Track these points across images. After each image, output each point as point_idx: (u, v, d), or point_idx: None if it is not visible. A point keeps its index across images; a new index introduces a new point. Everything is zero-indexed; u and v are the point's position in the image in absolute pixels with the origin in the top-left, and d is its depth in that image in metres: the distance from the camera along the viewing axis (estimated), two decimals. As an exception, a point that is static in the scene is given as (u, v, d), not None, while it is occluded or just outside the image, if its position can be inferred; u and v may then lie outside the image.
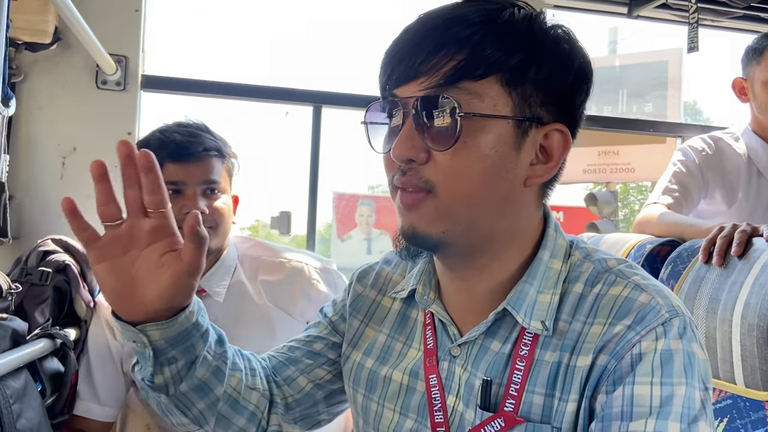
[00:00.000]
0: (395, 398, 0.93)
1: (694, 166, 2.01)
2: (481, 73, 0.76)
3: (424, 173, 0.78)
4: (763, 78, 1.93)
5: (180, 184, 1.53)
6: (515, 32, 0.78)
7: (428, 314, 0.93)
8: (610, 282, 0.81)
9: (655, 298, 0.77)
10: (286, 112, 2.44)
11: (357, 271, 1.09)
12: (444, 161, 0.78)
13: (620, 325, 0.76)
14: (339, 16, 8.86)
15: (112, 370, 1.61)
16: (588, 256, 0.86)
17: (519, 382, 0.80)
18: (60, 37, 1.97)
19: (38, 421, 1.27)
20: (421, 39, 0.78)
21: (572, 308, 0.82)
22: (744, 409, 1.28)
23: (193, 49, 8.10)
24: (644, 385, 0.72)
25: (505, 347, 0.84)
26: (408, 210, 0.80)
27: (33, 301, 1.51)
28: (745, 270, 1.33)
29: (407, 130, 0.78)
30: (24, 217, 1.97)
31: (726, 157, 2.03)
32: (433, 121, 0.77)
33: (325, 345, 1.05)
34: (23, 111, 1.99)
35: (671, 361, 0.73)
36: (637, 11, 2.46)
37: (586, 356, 0.77)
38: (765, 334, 1.23)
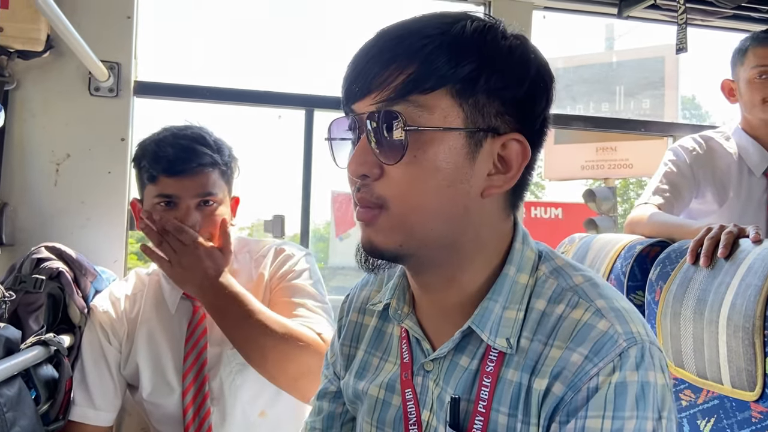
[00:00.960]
0: (371, 412, 0.94)
1: (684, 166, 2.02)
2: (431, 86, 0.76)
3: (377, 189, 0.79)
4: (747, 77, 1.96)
5: (174, 197, 1.54)
6: (465, 43, 0.77)
7: (403, 329, 0.93)
8: (573, 303, 0.80)
9: (614, 326, 0.76)
10: (279, 115, 2.44)
11: (342, 303, 1.10)
12: (396, 176, 0.78)
13: (577, 354, 0.76)
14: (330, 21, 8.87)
15: (107, 374, 1.62)
16: (554, 271, 0.86)
17: (486, 398, 0.81)
18: (52, 45, 1.98)
19: (32, 429, 1.28)
20: (377, 53, 0.79)
21: (534, 325, 0.81)
22: (731, 409, 1.30)
23: (186, 54, 8.14)
24: (596, 419, 0.73)
25: (473, 363, 0.84)
26: (365, 225, 0.81)
27: (27, 308, 1.52)
28: (731, 271, 1.34)
29: (361, 146, 0.79)
30: (18, 225, 1.98)
31: (717, 156, 2.04)
32: (383, 136, 0.77)
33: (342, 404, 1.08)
34: (16, 118, 2.00)
35: (624, 394, 0.73)
36: (627, 12, 2.47)
37: (542, 379, 0.77)
38: (750, 335, 1.24)
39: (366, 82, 0.78)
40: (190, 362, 1.58)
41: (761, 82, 1.93)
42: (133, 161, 1.62)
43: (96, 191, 2.05)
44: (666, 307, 1.47)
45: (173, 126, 1.62)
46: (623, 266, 1.71)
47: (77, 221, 2.03)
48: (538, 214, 7.50)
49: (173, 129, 1.61)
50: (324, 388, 1.11)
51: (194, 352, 1.59)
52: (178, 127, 1.62)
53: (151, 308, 1.65)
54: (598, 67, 8.20)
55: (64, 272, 1.61)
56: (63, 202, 2.03)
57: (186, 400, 1.57)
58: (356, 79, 0.80)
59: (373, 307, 0.99)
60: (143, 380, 1.61)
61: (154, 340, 1.62)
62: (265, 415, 1.63)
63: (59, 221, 2.02)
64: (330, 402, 1.09)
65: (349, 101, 0.81)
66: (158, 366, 1.61)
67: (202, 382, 1.58)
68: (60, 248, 1.68)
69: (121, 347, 1.64)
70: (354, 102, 0.81)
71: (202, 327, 1.61)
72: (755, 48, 1.95)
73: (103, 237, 2.05)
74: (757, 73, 1.93)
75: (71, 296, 1.60)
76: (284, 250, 1.72)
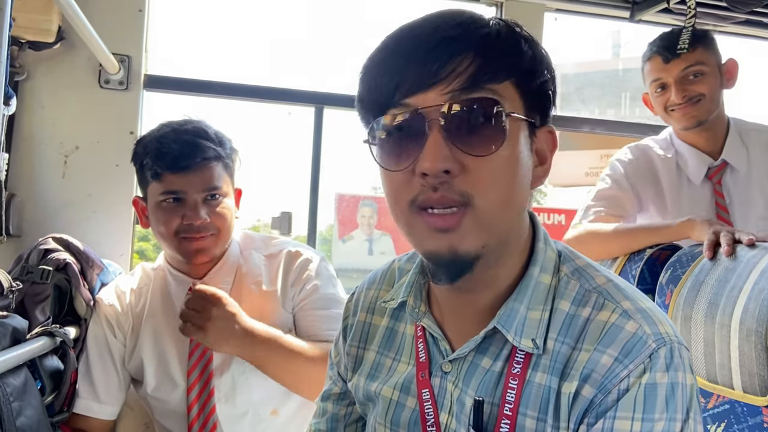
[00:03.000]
0: (385, 414, 0.92)
1: (622, 179, 1.98)
2: (502, 75, 0.74)
3: (460, 185, 0.73)
4: (650, 91, 1.94)
5: (180, 193, 1.53)
6: (517, 37, 0.77)
7: (419, 327, 0.91)
8: (599, 305, 0.79)
9: (642, 327, 0.76)
10: (289, 112, 2.43)
11: (348, 302, 1.08)
12: (481, 169, 0.73)
13: (606, 356, 0.75)
14: (342, 17, 8.89)
15: (111, 368, 1.62)
16: (576, 272, 0.85)
17: (512, 401, 0.79)
18: (63, 36, 1.98)
19: (37, 419, 1.27)
20: (436, 44, 0.73)
21: (560, 327, 0.80)
22: (741, 414, 1.28)
23: (196, 49, 8.11)
24: (625, 420, 0.72)
25: (495, 365, 0.82)
26: (444, 232, 0.75)
27: (33, 299, 1.51)
28: (744, 275, 1.34)
29: (435, 141, 0.72)
30: (25, 216, 1.98)
31: (655, 166, 1.99)
32: (470, 128, 0.73)
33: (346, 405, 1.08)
34: (26, 109, 1.99)
35: (654, 396, 0.72)
36: (639, 15, 2.46)
37: (571, 382, 0.76)
38: (763, 340, 1.23)
39: (430, 73, 0.73)
40: (195, 359, 1.58)
41: (660, 94, 1.91)
42: (134, 159, 1.60)
43: (103, 184, 2.04)
44: (676, 310, 1.46)
45: (172, 121, 1.60)
46: (633, 269, 1.70)
47: (84, 214, 2.03)
48: (542, 220, 7.49)
49: (173, 124, 1.59)
50: (328, 389, 1.10)
51: (199, 349, 1.58)
52: (177, 122, 1.60)
53: (157, 303, 1.64)
54: (604, 74, 8.19)
55: (71, 264, 1.60)
56: (70, 194, 2.03)
57: (191, 396, 1.56)
58: (410, 70, 0.74)
59: (385, 305, 0.97)
60: (147, 375, 1.60)
61: (159, 335, 1.62)
62: (277, 414, 1.62)
63: (66, 213, 2.01)
64: (334, 403, 1.09)
65: (399, 95, 0.75)
66: (163, 361, 1.60)
67: (207, 379, 1.57)
68: (67, 239, 1.67)
69: (126, 341, 1.63)
70: (410, 95, 0.74)
71: None
72: (646, 64, 1.94)
73: (110, 230, 2.04)
74: (654, 87, 1.92)
75: (78, 288, 1.59)
76: (300, 253, 1.69)
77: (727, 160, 1.92)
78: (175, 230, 1.53)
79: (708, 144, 1.94)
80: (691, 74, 1.85)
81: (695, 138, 1.94)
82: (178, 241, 1.54)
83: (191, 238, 1.54)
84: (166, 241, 1.57)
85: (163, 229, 1.55)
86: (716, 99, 1.88)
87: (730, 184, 1.93)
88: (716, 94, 1.88)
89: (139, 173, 1.60)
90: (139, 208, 1.64)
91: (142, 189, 1.62)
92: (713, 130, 1.92)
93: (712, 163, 1.93)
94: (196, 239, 1.54)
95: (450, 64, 0.73)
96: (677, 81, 1.85)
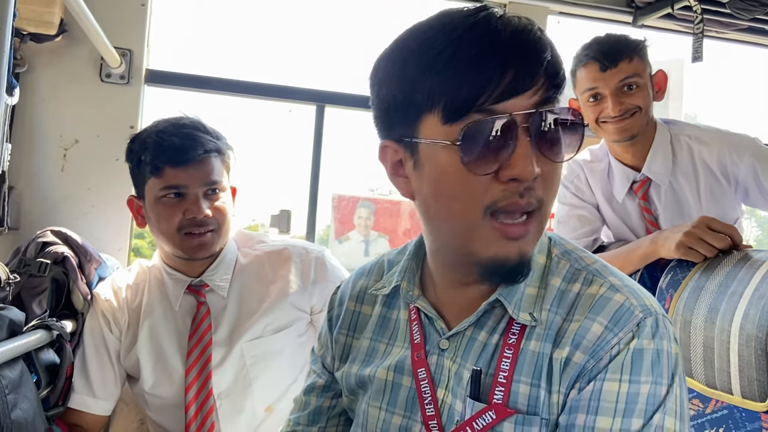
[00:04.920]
0: (380, 395, 0.94)
1: (573, 198, 1.99)
2: (562, 87, 0.79)
3: (538, 191, 0.77)
4: (582, 100, 1.87)
5: (182, 188, 1.51)
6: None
7: (413, 310, 0.94)
8: (588, 281, 0.85)
9: (629, 299, 0.80)
10: (289, 110, 2.43)
11: (333, 294, 1.11)
12: (550, 175, 0.78)
13: (597, 324, 0.80)
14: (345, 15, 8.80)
15: (107, 363, 1.61)
16: (565, 253, 0.90)
17: (507, 369, 0.83)
18: (65, 29, 1.97)
19: (33, 413, 1.26)
20: (522, 49, 0.75)
21: (552, 299, 0.85)
22: (740, 419, 1.28)
23: (198, 44, 8.06)
24: (613, 381, 0.76)
25: (492, 338, 0.86)
26: (515, 239, 0.78)
27: (31, 291, 1.51)
28: (744, 280, 1.33)
29: (527, 146, 0.74)
30: (24, 208, 1.97)
31: (591, 182, 1.99)
32: (556, 135, 0.76)
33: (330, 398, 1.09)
34: (26, 102, 1.98)
35: (641, 360, 0.76)
36: (642, 20, 2.46)
37: (563, 349, 0.80)
38: (763, 345, 1.23)
39: (524, 80, 0.74)
40: (194, 358, 1.57)
41: (593, 104, 1.82)
42: (129, 158, 1.57)
43: (103, 178, 2.03)
44: (676, 315, 1.46)
45: (168, 118, 1.58)
46: (633, 273, 1.70)
47: (83, 208, 2.02)
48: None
49: (170, 120, 1.57)
50: (312, 382, 1.11)
51: (198, 348, 1.57)
52: (173, 118, 1.58)
53: (154, 302, 1.63)
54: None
55: (69, 257, 1.59)
56: (69, 187, 2.02)
57: (189, 395, 1.55)
58: (510, 77, 0.73)
59: (376, 293, 1.00)
60: (145, 373, 1.59)
61: (156, 334, 1.60)
62: (271, 410, 1.62)
63: (65, 207, 2.01)
64: (318, 396, 1.09)
65: (494, 100, 0.74)
66: (161, 359, 1.59)
67: (206, 378, 1.56)
68: (66, 233, 1.66)
69: (122, 336, 1.62)
70: (502, 101, 0.74)
71: (206, 323, 1.59)
72: (580, 70, 1.84)
73: (108, 225, 2.03)
74: (587, 96, 1.83)
75: (75, 282, 1.58)
76: (310, 251, 1.70)
77: (647, 174, 1.89)
78: (178, 226, 1.51)
79: (634, 158, 1.89)
80: (626, 86, 1.78)
81: (621, 151, 1.90)
82: (180, 238, 1.53)
83: (193, 233, 1.52)
84: (167, 238, 1.55)
85: (165, 226, 1.53)
86: (649, 112, 1.84)
87: (655, 197, 1.91)
88: (650, 107, 1.83)
89: (135, 171, 1.57)
90: (134, 208, 1.61)
91: (137, 187, 1.58)
92: (641, 143, 1.86)
93: (636, 177, 1.91)
94: (198, 235, 1.53)
95: (538, 72, 0.75)
96: (613, 93, 1.78)
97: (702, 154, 1.87)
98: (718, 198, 1.88)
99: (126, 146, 1.59)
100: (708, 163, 1.87)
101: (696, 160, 1.88)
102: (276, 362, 1.61)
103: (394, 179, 0.87)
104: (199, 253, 1.55)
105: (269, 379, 1.59)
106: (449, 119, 0.76)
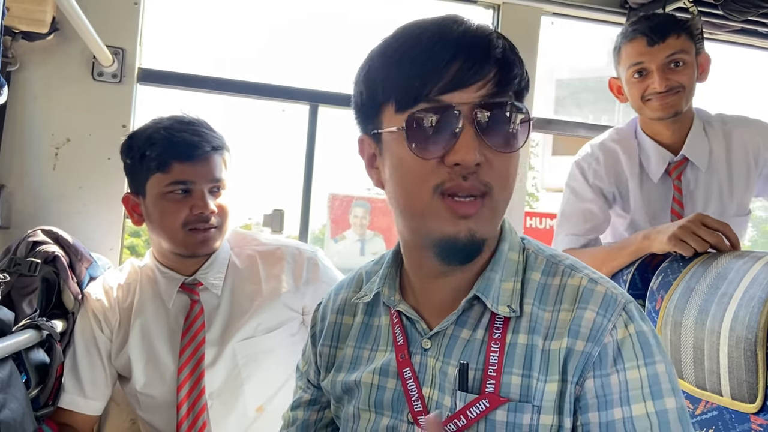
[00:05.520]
0: (368, 399, 0.97)
1: (584, 189, 1.94)
2: (526, 83, 0.86)
3: (483, 176, 0.82)
4: (625, 77, 1.87)
5: (189, 184, 1.52)
6: (518, 55, 0.86)
7: (395, 314, 0.98)
8: (567, 274, 0.90)
9: (609, 289, 0.87)
10: (283, 109, 2.42)
11: (314, 312, 1.15)
12: (503, 163, 0.84)
13: (589, 311, 0.85)
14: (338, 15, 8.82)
15: (98, 363, 1.60)
16: (539, 250, 0.96)
17: (496, 363, 0.86)
18: (57, 27, 1.96)
19: (22, 413, 1.26)
20: (469, 47, 0.81)
21: (534, 293, 0.90)
22: (730, 421, 1.28)
23: (192, 43, 8.04)
24: (633, 369, 0.81)
25: (476, 333, 0.90)
26: (465, 218, 0.83)
27: (21, 291, 1.50)
28: (735, 282, 1.34)
29: (470, 135, 0.81)
30: (15, 207, 1.96)
31: (619, 164, 1.95)
32: (499, 127, 0.82)
33: (317, 410, 1.13)
34: (18, 100, 1.97)
35: (647, 342, 0.83)
36: (635, 21, 2.46)
37: (559, 340, 0.85)
38: (753, 347, 1.23)
39: (468, 75, 0.80)
40: (187, 356, 1.56)
41: (638, 80, 1.82)
42: (128, 154, 1.55)
43: (94, 177, 2.03)
44: (667, 316, 1.46)
45: (171, 116, 1.58)
46: (624, 274, 1.70)
47: (74, 207, 2.01)
48: (534, 224, 7.52)
49: (174, 117, 1.57)
50: (298, 398, 1.14)
51: (191, 347, 1.57)
52: (176, 115, 1.58)
53: (146, 301, 1.62)
54: (598, 81, 8.23)
55: (60, 257, 1.58)
56: (61, 186, 2.01)
57: (181, 394, 1.55)
58: (455, 71, 0.80)
59: (358, 301, 1.04)
60: (136, 373, 1.58)
61: (148, 333, 1.60)
62: (262, 410, 1.62)
63: (56, 206, 2.00)
64: (304, 410, 1.13)
65: (434, 92, 0.81)
66: (153, 359, 1.59)
67: (198, 377, 1.55)
68: (56, 232, 1.65)
69: (113, 336, 1.61)
70: (444, 93, 0.81)
71: (199, 322, 1.59)
72: (625, 46, 1.84)
73: (100, 224, 2.03)
74: (632, 72, 1.83)
75: (66, 281, 1.58)
76: (303, 251, 1.70)
77: (687, 155, 1.88)
78: (183, 222, 1.51)
79: (672, 137, 1.88)
80: (673, 62, 1.78)
81: (661, 129, 1.89)
82: (185, 233, 1.52)
83: (198, 229, 1.53)
84: (169, 234, 1.53)
85: (170, 221, 1.52)
86: (693, 91, 1.84)
87: (691, 179, 1.90)
88: (693, 87, 1.83)
89: (137, 166, 1.54)
90: (129, 206, 1.60)
91: (137, 184, 1.56)
92: (681, 122, 1.86)
93: (672, 159, 1.89)
94: (203, 230, 1.53)
95: (484, 69, 0.81)
96: (660, 68, 1.78)
97: (739, 137, 1.89)
98: (743, 186, 1.89)
99: (121, 144, 1.58)
100: (743, 146, 1.88)
101: (732, 144, 1.89)
102: (267, 362, 1.61)
103: (369, 171, 0.95)
104: (201, 248, 1.55)
105: (261, 379, 1.59)
106: (400, 109, 0.83)
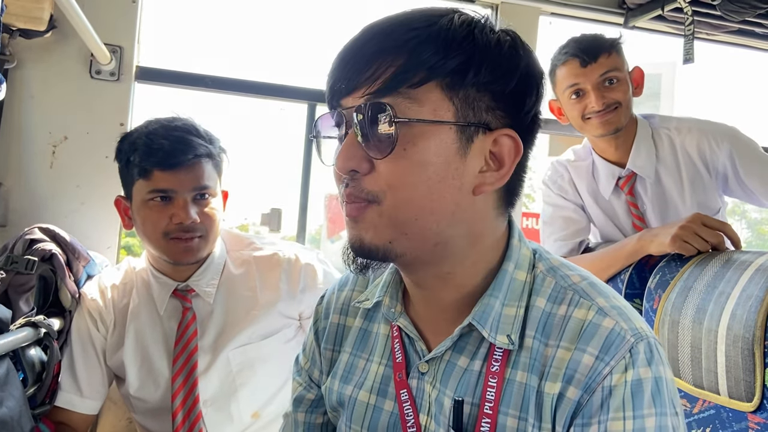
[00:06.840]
0: (361, 419, 0.91)
1: (557, 198, 2.00)
2: (420, 79, 0.75)
3: (366, 184, 0.77)
4: (563, 98, 1.89)
5: (170, 192, 1.48)
6: (453, 36, 0.76)
7: (395, 327, 0.92)
8: (575, 303, 0.81)
9: (619, 323, 0.77)
10: (281, 108, 2.42)
11: (318, 305, 1.08)
12: (385, 170, 0.76)
13: (587, 355, 0.76)
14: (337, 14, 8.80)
15: (95, 362, 1.59)
16: (551, 270, 0.86)
17: (492, 400, 0.80)
18: (55, 25, 1.95)
19: (19, 410, 1.25)
20: (363, 47, 0.77)
21: (536, 324, 0.81)
22: (727, 419, 1.29)
23: (190, 41, 8.00)
24: (617, 421, 0.73)
25: (474, 363, 0.83)
26: (354, 221, 0.79)
27: (18, 289, 1.49)
28: (732, 281, 1.34)
29: (349, 141, 0.77)
30: (12, 205, 1.95)
31: (575, 181, 2.01)
32: (373, 130, 0.75)
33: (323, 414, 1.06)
34: (15, 98, 1.97)
35: (641, 392, 0.74)
36: (633, 22, 2.47)
37: (554, 383, 0.77)
38: (750, 346, 1.23)
39: (353, 76, 0.77)
40: (180, 364, 1.54)
41: (576, 101, 1.85)
42: (118, 157, 1.54)
43: (92, 175, 2.02)
44: (664, 315, 1.46)
45: (160, 118, 1.55)
46: (622, 274, 1.70)
47: (71, 205, 2.00)
48: (530, 224, 7.51)
49: (161, 121, 1.54)
50: (300, 395, 1.07)
51: (184, 354, 1.55)
52: (165, 118, 1.55)
53: (141, 305, 1.61)
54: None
55: (57, 255, 1.58)
56: (58, 184, 2.00)
57: (176, 403, 1.53)
58: (343, 74, 0.78)
59: (359, 305, 0.98)
60: (130, 376, 1.57)
61: (142, 338, 1.58)
62: (258, 416, 1.60)
63: (53, 204, 1.99)
64: (308, 413, 1.06)
65: (335, 97, 0.79)
66: (146, 363, 1.58)
67: (192, 385, 1.53)
68: (54, 230, 1.65)
69: (108, 335, 1.60)
70: (341, 97, 0.79)
71: (192, 329, 1.56)
72: (560, 68, 1.87)
73: (97, 222, 2.02)
74: (569, 93, 1.86)
75: (63, 279, 1.57)
76: (300, 258, 1.66)
77: (632, 169, 1.91)
78: (164, 231, 1.49)
79: (617, 153, 1.92)
80: (607, 80, 1.82)
81: (605, 147, 1.93)
82: (166, 242, 1.50)
83: (179, 239, 1.50)
84: (152, 243, 1.52)
85: (150, 229, 1.50)
86: (630, 106, 1.87)
87: (641, 191, 1.93)
88: (630, 102, 1.87)
89: (124, 171, 1.54)
90: (121, 209, 1.59)
91: (126, 188, 1.55)
92: (623, 137, 1.89)
93: (621, 173, 1.93)
94: (185, 240, 1.50)
95: (371, 68, 0.75)
96: (595, 87, 1.81)
97: (683, 143, 1.90)
98: (700, 189, 1.90)
99: (116, 144, 1.57)
100: (689, 152, 1.89)
101: (677, 151, 1.90)
102: (263, 369, 1.59)
103: None
104: (184, 258, 1.52)
105: (256, 385, 1.58)
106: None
